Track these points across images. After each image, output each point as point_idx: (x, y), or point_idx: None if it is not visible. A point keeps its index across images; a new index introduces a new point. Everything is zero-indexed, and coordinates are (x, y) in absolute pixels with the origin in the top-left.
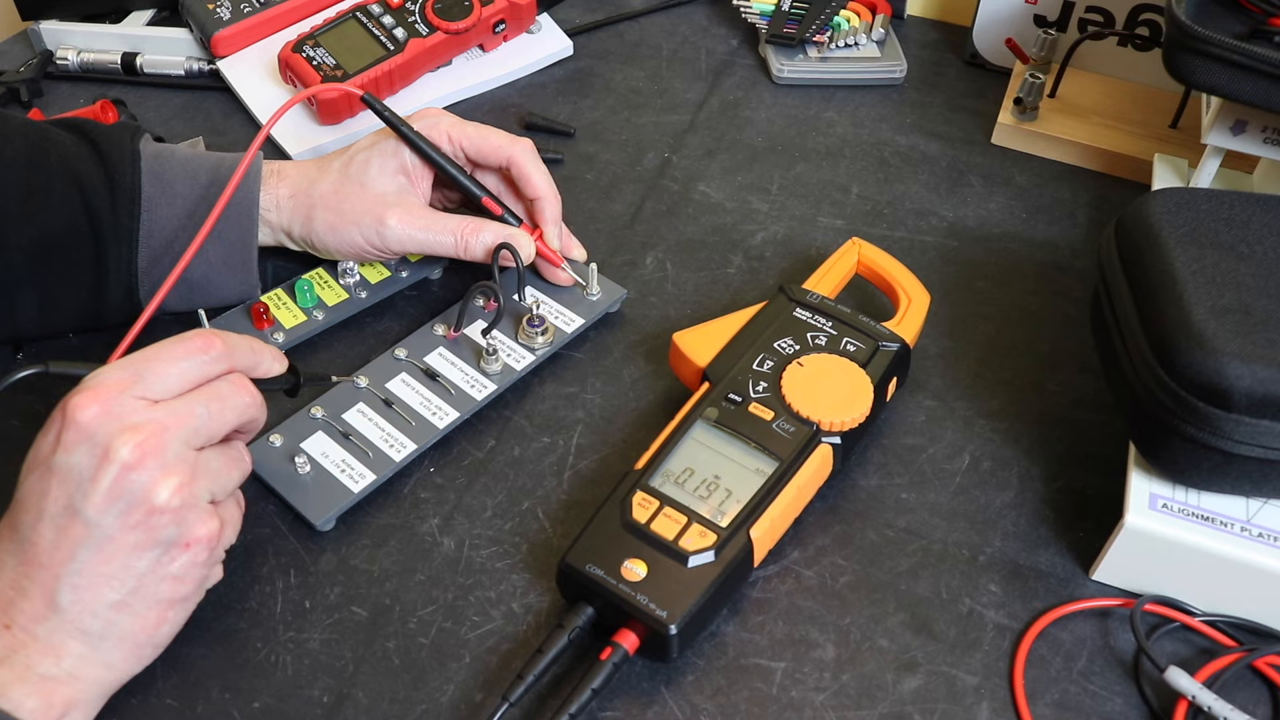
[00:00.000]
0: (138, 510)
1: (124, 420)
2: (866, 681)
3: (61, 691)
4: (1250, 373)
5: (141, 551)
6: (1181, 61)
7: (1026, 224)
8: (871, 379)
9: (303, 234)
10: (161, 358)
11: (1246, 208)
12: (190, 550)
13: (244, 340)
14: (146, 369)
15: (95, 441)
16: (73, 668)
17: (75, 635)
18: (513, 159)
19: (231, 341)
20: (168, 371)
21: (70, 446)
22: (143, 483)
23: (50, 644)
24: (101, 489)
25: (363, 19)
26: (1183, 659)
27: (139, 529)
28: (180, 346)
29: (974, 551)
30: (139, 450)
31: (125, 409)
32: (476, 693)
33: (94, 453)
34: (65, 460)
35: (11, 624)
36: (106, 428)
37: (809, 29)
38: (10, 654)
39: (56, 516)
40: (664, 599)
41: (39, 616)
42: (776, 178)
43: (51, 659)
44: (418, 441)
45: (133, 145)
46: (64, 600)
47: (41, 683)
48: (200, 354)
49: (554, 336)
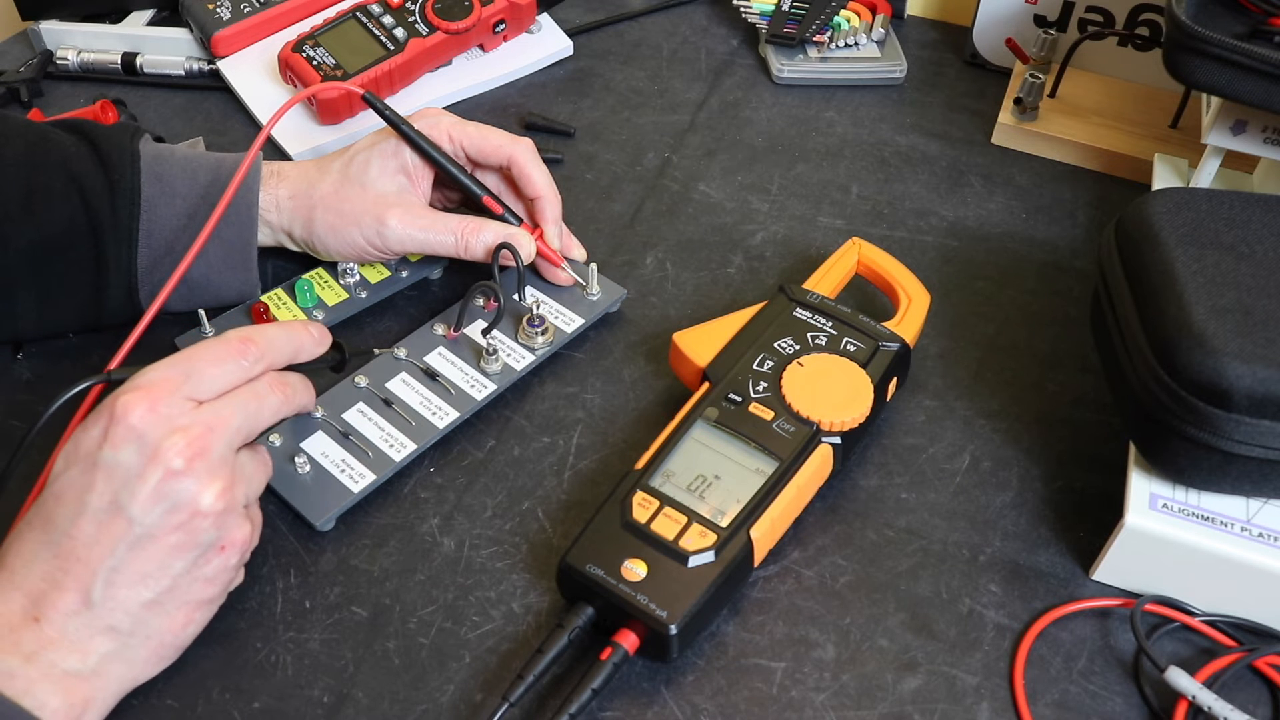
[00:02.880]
0: (182, 512)
1: (173, 421)
2: (866, 681)
3: (84, 689)
4: (1250, 373)
5: (181, 553)
6: (1181, 61)
7: (1026, 224)
8: (871, 379)
9: (304, 235)
10: (207, 359)
11: (1246, 208)
12: (225, 553)
13: (280, 336)
14: (193, 369)
15: (145, 441)
16: (98, 665)
17: (104, 632)
18: (513, 158)
19: (266, 342)
20: (213, 373)
21: (119, 443)
22: (189, 486)
23: (79, 640)
24: (148, 488)
25: (363, 19)
26: (1183, 659)
27: (181, 530)
28: (222, 348)
29: (974, 551)
30: (187, 452)
31: (174, 410)
32: (476, 693)
33: (143, 452)
34: (113, 457)
35: (41, 617)
36: (156, 428)
37: (809, 29)
38: (38, 650)
39: (99, 512)
40: (664, 599)
41: (71, 611)
42: (776, 178)
43: (78, 656)
44: (418, 441)
45: (132, 146)
46: (97, 596)
47: (65, 680)
48: (239, 357)
49: (554, 336)
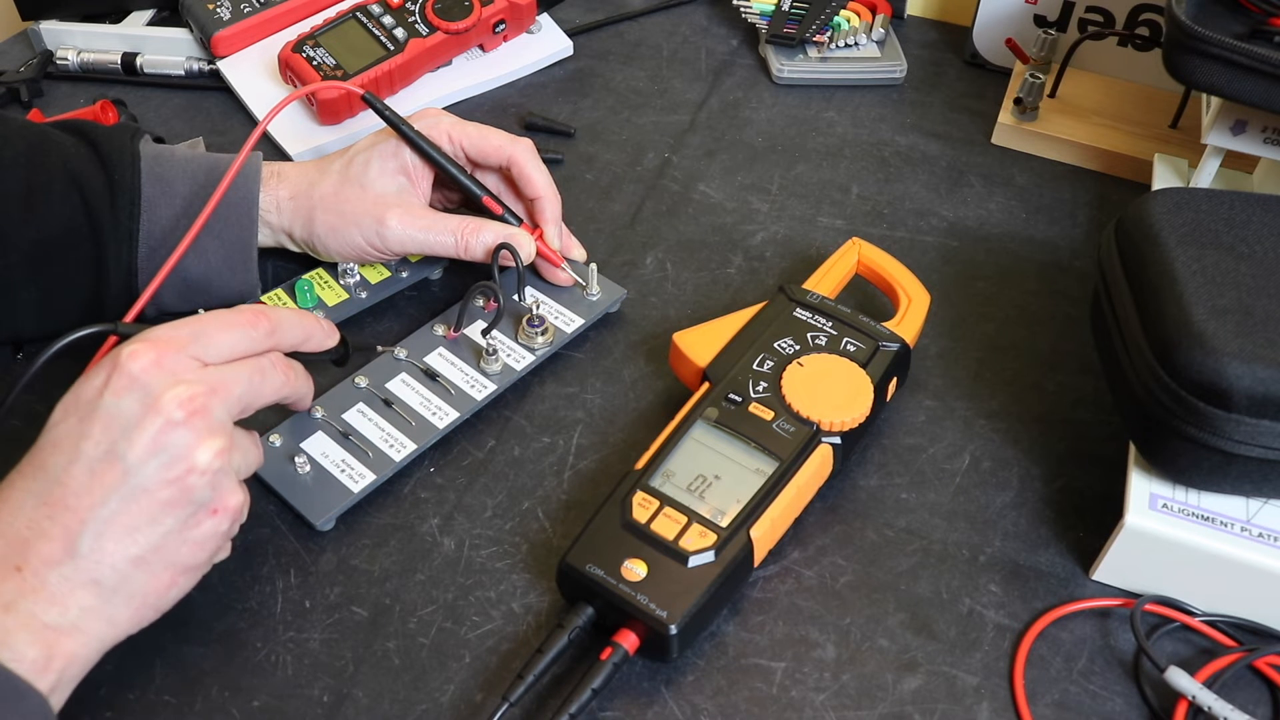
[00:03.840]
0: (178, 465)
1: (176, 375)
2: (866, 681)
3: (64, 643)
4: (1250, 373)
5: (173, 509)
6: (1181, 61)
7: (1026, 224)
8: (871, 379)
9: (305, 236)
10: (218, 324)
11: (1246, 208)
12: (216, 517)
13: (292, 318)
14: (203, 331)
15: (147, 391)
16: (78, 619)
17: (87, 585)
18: (513, 159)
19: (278, 320)
20: (221, 338)
21: (120, 391)
22: (187, 440)
23: (60, 592)
24: (146, 437)
25: (363, 19)
26: (1183, 659)
27: (175, 485)
28: (234, 316)
29: (974, 551)
30: (188, 406)
31: (179, 365)
32: (476, 693)
33: (144, 401)
34: (114, 404)
35: (24, 566)
36: (159, 379)
37: (809, 29)
38: (17, 599)
39: (94, 460)
40: (664, 599)
41: (54, 561)
42: (776, 178)
43: (58, 608)
44: (418, 441)
45: (132, 146)
46: (84, 547)
47: (44, 632)
48: (249, 328)
49: (554, 336)
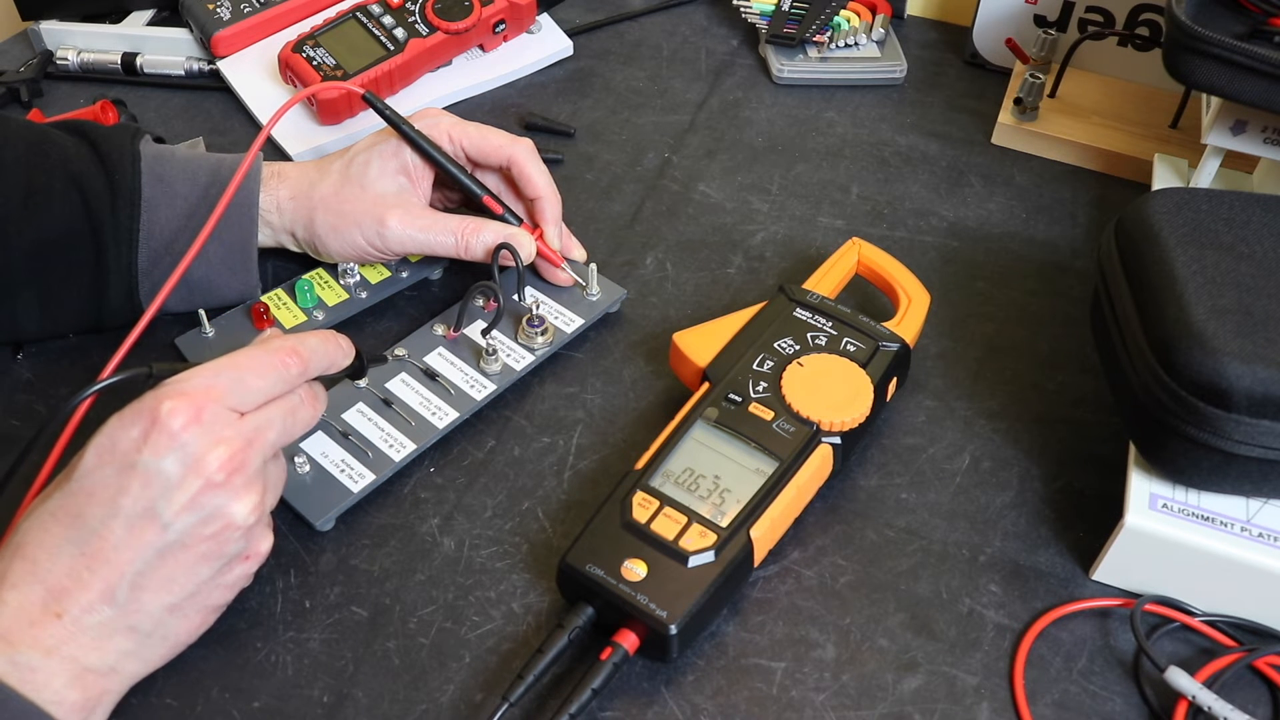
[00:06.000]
0: (215, 523)
1: (216, 433)
2: (866, 681)
3: (101, 684)
4: (1250, 373)
5: (208, 561)
6: (1181, 61)
7: (1026, 224)
8: (871, 379)
9: (305, 236)
10: (254, 369)
11: (1246, 208)
12: (248, 562)
13: (319, 348)
14: (239, 378)
15: (187, 451)
16: (115, 662)
17: (125, 631)
18: (513, 159)
19: (308, 356)
20: (257, 385)
21: (160, 450)
22: (226, 499)
23: (99, 638)
24: (186, 498)
25: (363, 19)
26: (1183, 659)
27: (211, 540)
28: (268, 358)
29: (974, 551)
30: (229, 466)
31: (218, 420)
32: (476, 693)
33: (184, 462)
34: (154, 463)
35: (63, 614)
36: (200, 439)
37: (809, 29)
38: (59, 645)
39: (133, 516)
40: (664, 599)
41: (94, 609)
42: (776, 178)
43: (98, 653)
44: (417, 441)
45: (133, 146)
46: (122, 597)
47: (85, 675)
48: (283, 370)
49: (554, 336)
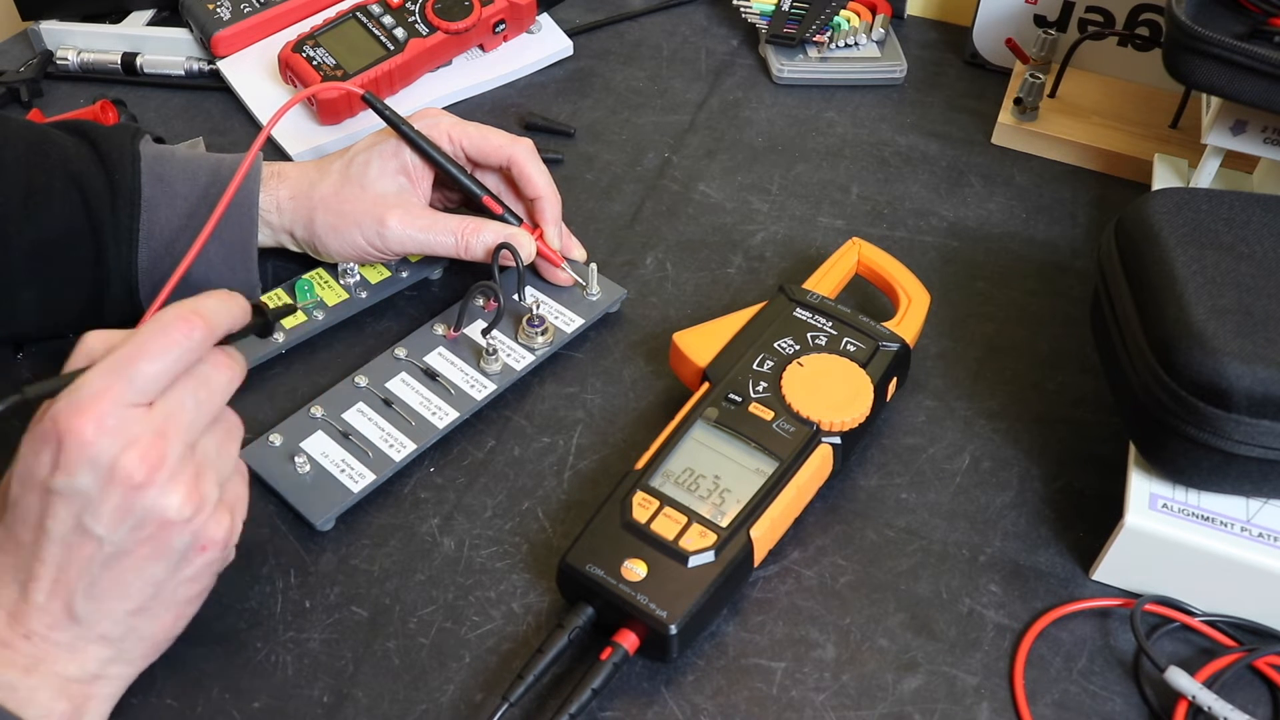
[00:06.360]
0: (149, 525)
1: (124, 434)
2: (866, 681)
3: (88, 691)
4: (1250, 373)
5: (157, 562)
6: (1181, 61)
7: (1026, 224)
8: (871, 379)
9: (306, 236)
10: (147, 355)
11: (1246, 208)
12: (206, 553)
13: (219, 305)
14: (135, 372)
15: (98, 463)
16: (97, 670)
17: (96, 641)
18: (513, 159)
19: (209, 314)
20: (153, 370)
21: (72, 469)
22: (152, 498)
23: (74, 649)
24: (110, 508)
25: (363, 19)
26: (1183, 659)
27: (152, 542)
28: (163, 338)
29: (974, 551)
30: (144, 465)
31: (124, 421)
32: (476, 693)
33: (98, 474)
34: (68, 483)
35: (31, 634)
36: (107, 447)
37: (809, 29)
38: (36, 663)
39: (65, 536)
40: (664, 599)
41: (57, 626)
42: (776, 178)
43: (76, 664)
44: (417, 441)
45: (133, 146)
46: (81, 611)
47: (68, 686)
48: (183, 343)
49: (554, 336)
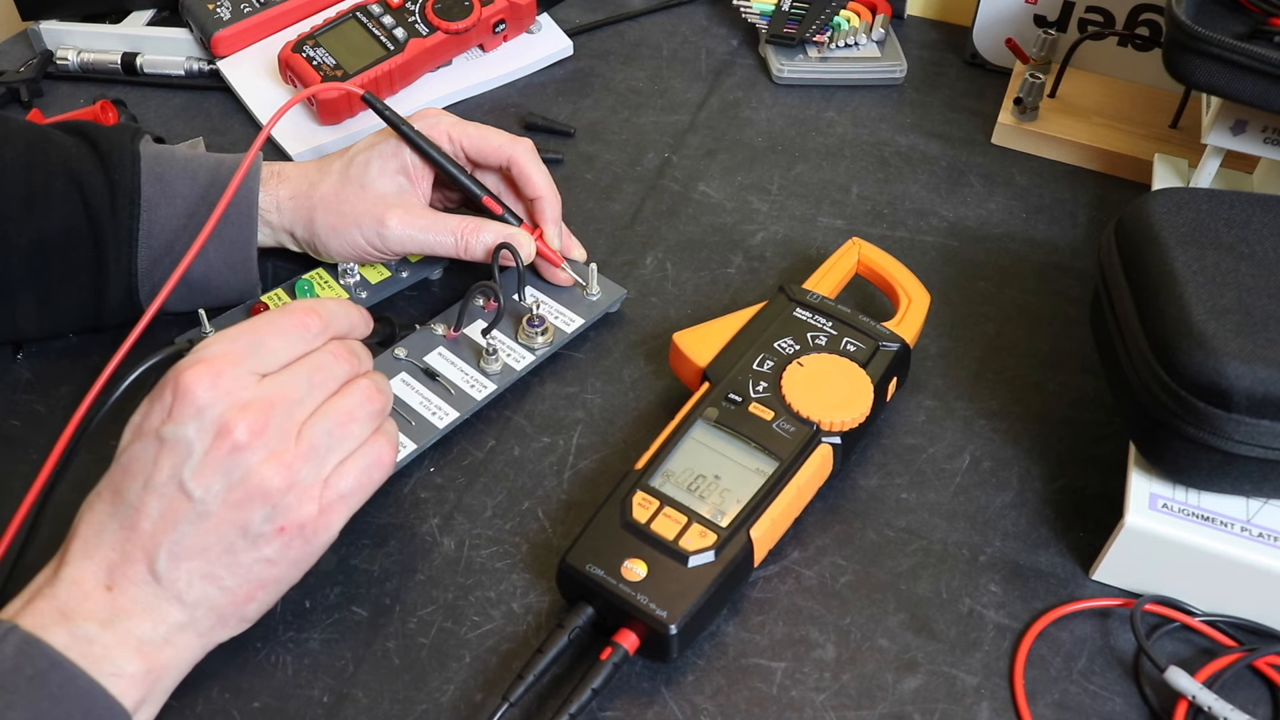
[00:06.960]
0: (239, 489)
1: (235, 396)
2: (866, 681)
3: (160, 656)
4: (1250, 373)
5: (235, 528)
6: (1181, 61)
7: (1026, 224)
8: (871, 379)
9: (306, 236)
10: (272, 330)
11: (1246, 208)
12: (284, 534)
13: (340, 308)
14: (258, 342)
15: (207, 417)
16: (169, 634)
17: (173, 601)
18: (513, 159)
19: (328, 314)
20: (276, 345)
21: (182, 419)
22: (248, 462)
23: (151, 608)
24: (208, 463)
25: (363, 19)
26: (1183, 659)
27: (237, 507)
28: (286, 319)
29: (974, 551)
30: (249, 429)
31: (237, 384)
32: (476, 693)
33: (204, 427)
34: (176, 432)
35: (114, 586)
36: (219, 404)
37: (809, 29)
38: (114, 618)
39: (163, 486)
40: (664, 599)
41: (138, 581)
42: (776, 178)
43: (151, 623)
44: (418, 441)
45: (133, 146)
46: (162, 567)
47: (142, 647)
48: (302, 329)
49: (554, 336)
